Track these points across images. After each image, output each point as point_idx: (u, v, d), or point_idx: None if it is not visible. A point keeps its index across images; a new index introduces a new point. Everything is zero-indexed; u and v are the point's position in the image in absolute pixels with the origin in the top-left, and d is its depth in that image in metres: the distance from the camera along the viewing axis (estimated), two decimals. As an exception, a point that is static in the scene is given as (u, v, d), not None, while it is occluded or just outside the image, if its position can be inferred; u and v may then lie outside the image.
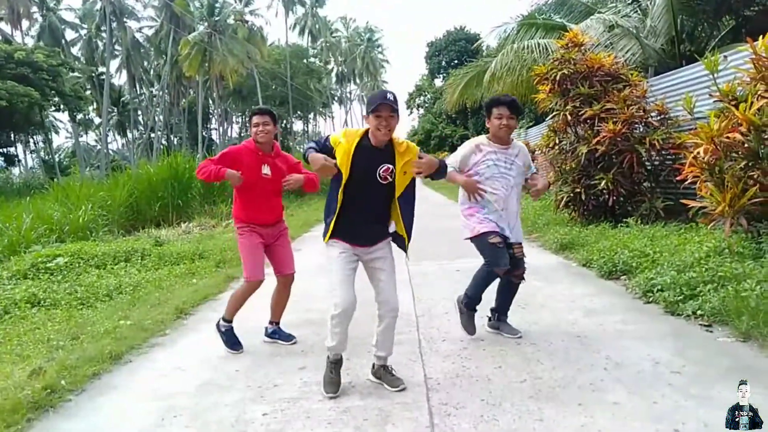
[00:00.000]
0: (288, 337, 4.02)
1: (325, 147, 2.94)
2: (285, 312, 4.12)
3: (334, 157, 2.89)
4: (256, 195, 3.84)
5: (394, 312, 3.05)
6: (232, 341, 3.90)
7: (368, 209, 2.98)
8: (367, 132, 2.95)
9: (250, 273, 3.84)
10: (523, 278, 3.81)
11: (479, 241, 3.65)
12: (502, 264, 3.59)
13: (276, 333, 4.05)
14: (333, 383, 3.08)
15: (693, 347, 3.42)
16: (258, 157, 3.82)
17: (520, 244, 3.78)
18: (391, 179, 2.93)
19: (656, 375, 3.04)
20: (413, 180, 3.03)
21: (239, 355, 3.85)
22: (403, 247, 3.16)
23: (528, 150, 3.92)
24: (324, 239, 3.05)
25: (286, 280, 4.01)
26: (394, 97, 2.90)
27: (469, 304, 3.83)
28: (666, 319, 4.06)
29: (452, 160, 3.72)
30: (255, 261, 3.85)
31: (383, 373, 3.14)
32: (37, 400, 3.06)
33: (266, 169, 3.82)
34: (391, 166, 2.91)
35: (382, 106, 2.82)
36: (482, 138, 3.80)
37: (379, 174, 2.90)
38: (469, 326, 3.85)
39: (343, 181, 2.90)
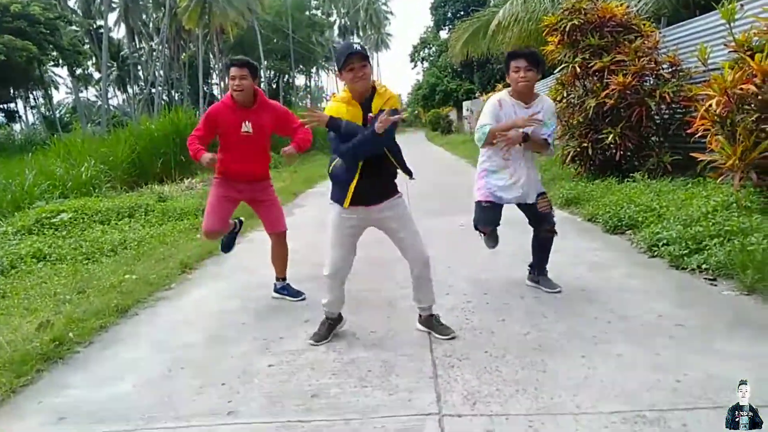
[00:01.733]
0: (296, 294, 4.00)
1: (335, 120, 2.83)
2: (289, 267, 4.12)
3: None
4: (239, 152, 3.72)
5: (423, 263, 3.02)
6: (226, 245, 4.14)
7: (371, 163, 2.89)
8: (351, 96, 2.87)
9: (204, 224, 3.87)
10: (555, 232, 3.74)
11: (476, 204, 3.77)
12: (481, 223, 3.78)
13: (285, 289, 4.04)
14: (318, 334, 3.17)
15: (697, 300, 3.42)
16: (237, 113, 3.65)
17: (544, 197, 3.68)
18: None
19: (659, 327, 3.05)
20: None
21: (245, 309, 3.88)
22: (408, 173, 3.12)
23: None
24: (344, 204, 2.93)
25: (277, 237, 3.98)
26: (361, 46, 2.83)
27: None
28: (671, 273, 4.05)
29: (486, 120, 3.52)
30: (213, 213, 3.82)
31: (432, 323, 3.15)
32: (45, 352, 3.10)
33: (246, 126, 3.65)
34: (371, 114, 2.82)
35: (352, 57, 2.73)
36: (503, 93, 3.61)
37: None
38: (490, 241, 3.98)
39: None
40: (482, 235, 3.93)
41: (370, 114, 2.80)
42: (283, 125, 3.84)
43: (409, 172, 3.12)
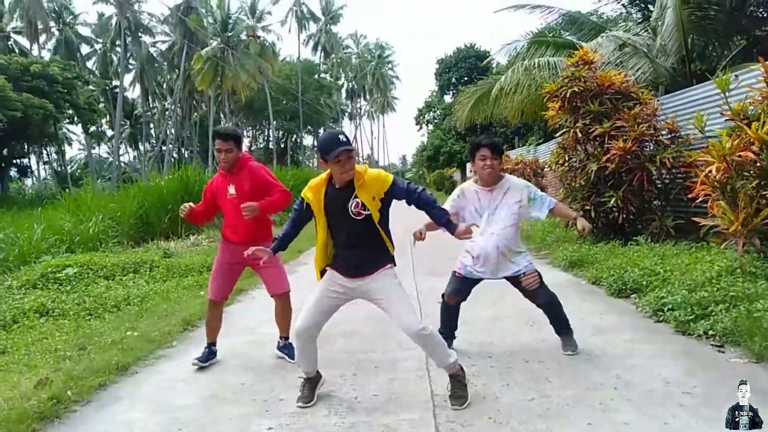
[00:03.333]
0: (292, 354, 3.91)
1: (302, 208, 3.05)
2: (291, 326, 4.09)
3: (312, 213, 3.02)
4: (232, 215, 3.87)
5: (417, 334, 2.94)
6: (202, 357, 3.91)
7: (358, 244, 2.95)
8: (330, 177, 2.96)
9: (209, 291, 3.98)
10: (553, 304, 3.75)
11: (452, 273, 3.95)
12: (447, 291, 3.91)
13: (286, 348, 3.98)
14: (302, 397, 3.14)
15: (704, 367, 3.37)
16: (225, 178, 3.91)
17: (531, 274, 3.70)
18: (365, 212, 2.89)
19: (667, 395, 3.00)
20: (387, 202, 2.95)
21: (245, 368, 3.83)
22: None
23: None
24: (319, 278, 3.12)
25: (280, 298, 3.96)
26: (346, 137, 2.92)
27: (443, 332, 3.83)
28: (677, 338, 4.00)
29: (447, 206, 3.81)
30: (215, 281, 3.97)
31: (450, 384, 3.07)
32: (42, 411, 3.05)
33: (231, 189, 3.87)
34: (360, 201, 2.88)
35: (342, 153, 2.81)
36: (468, 183, 3.90)
37: (352, 211, 2.88)
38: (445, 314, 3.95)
39: (325, 229, 3.00)
40: (442, 303, 3.95)
41: (358, 200, 2.87)
42: (262, 190, 3.91)
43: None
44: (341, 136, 2.89)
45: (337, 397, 3.21)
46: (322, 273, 3.12)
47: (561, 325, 3.83)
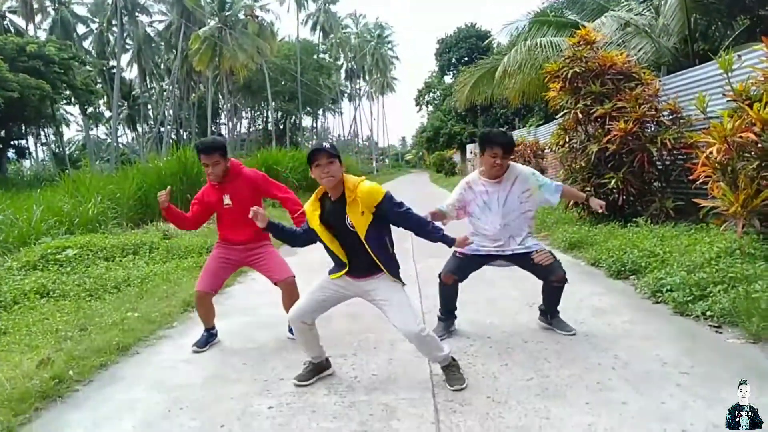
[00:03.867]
0: None
1: (308, 226, 3.04)
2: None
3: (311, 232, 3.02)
4: (229, 222, 3.90)
5: (417, 337, 2.94)
6: (200, 342, 3.91)
7: (358, 252, 2.94)
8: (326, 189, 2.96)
9: (198, 282, 3.94)
10: (565, 280, 3.75)
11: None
12: (444, 270, 3.85)
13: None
14: (299, 376, 3.18)
15: (702, 348, 3.39)
16: (216, 190, 3.89)
17: (542, 252, 3.70)
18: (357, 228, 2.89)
19: (664, 375, 3.02)
20: (379, 219, 2.90)
21: (246, 348, 3.86)
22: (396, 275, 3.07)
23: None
24: (330, 276, 3.10)
25: (286, 285, 3.91)
26: (331, 145, 2.89)
27: (442, 312, 3.92)
28: (675, 319, 4.02)
29: (449, 200, 3.76)
30: (208, 273, 3.93)
31: (444, 371, 3.07)
32: (44, 390, 3.08)
33: (227, 200, 3.86)
34: (347, 215, 2.89)
35: (318, 154, 2.81)
36: (474, 175, 3.81)
37: (348, 224, 2.89)
38: (440, 331, 3.85)
39: (328, 238, 2.97)
40: (440, 284, 3.88)
41: (349, 221, 2.87)
42: (264, 190, 3.94)
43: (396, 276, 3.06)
44: (325, 144, 2.87)
45: (337, 377, 3.23)
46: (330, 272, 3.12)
47: (555, 305, 3.86)
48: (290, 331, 4.01)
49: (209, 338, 3.96)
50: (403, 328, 2.93)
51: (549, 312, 3.91)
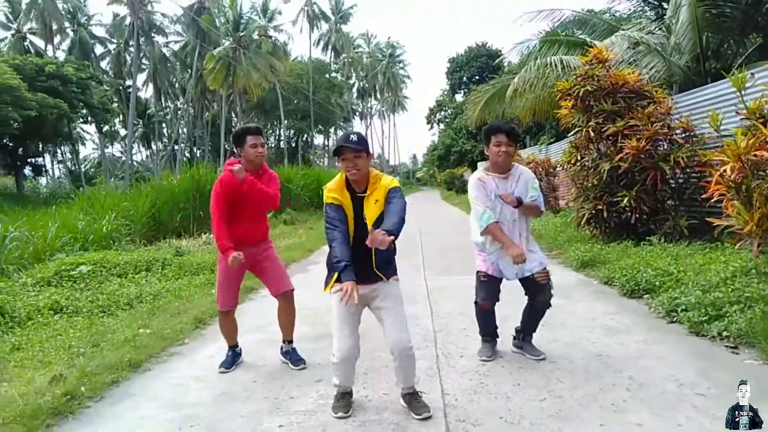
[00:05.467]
0: (297, 362, 3.82)
1: (342, 213, 2.91)
2: (302, 325, 4.11)
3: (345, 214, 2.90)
4: (248, 216, 3.77)
5: (404, 352, 2.91)
6: (226, 363, 3.84)
7: (366, 253, 2.88)
8: (346, 179, 2.94)
9: (221, 303, 3.84)
10: (549, 305, 3.69)
11: (477, 275, 3.77)
12: (480, 297, 3.73)
13: (288, 354, 3.91)
14: (341, 407, 3.01)
15: (718, 369, 3.33)
16: (244, 181, 3.68)
17: (543, 270, 3.64)
18: (367, 216, 2.89)
19: (680, 396, 2.97)
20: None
21: (256, 366, 3.85)
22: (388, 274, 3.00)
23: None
24: (325, 289, 2.99)
25: (284, 298, 3.88)
26: (358, 137, 2.88)
27: (484, 335, 3.88)
28: (690, 339, 3.96)
29: (482, 206, 3.57)
30: (228, 290, 3.83)
31: (408, 399, 3.00)
32: (56, 406, 3.09)
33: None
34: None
35: (344, 150, 2.82)
36: (480, 171, 3.75)
37: (363, 216, 2.89)
38: (483, 353, 3.80)
39: (351, 234, 2.89)
40: (480, 311, 3.80)
41: (368, 226, 2.80)
42: (274, 186, 3.89)
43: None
44: (353, 136, 2.88)
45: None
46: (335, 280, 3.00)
47: (532, 328, 3.83)
48: (283, 354, 3.92)
49: (235, 357, 3.90)
50: (395, 339, 2.90)
51: (524, 332, 3.84)
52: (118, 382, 3.58)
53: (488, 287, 3.69)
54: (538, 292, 3.63)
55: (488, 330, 3.86)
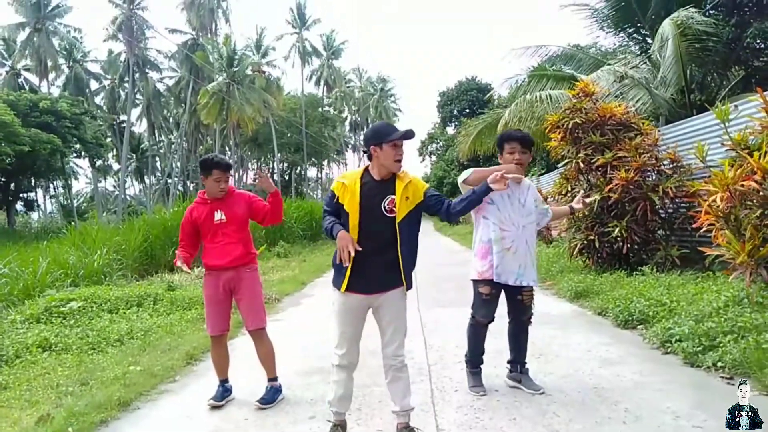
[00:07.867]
0: (261, 399, 3.71)
1: (334, 203, 2.92)
2: (294, 359, 4.06)
3: (341, 205, 2.88)
4: (216, 241, 3.81)
5: (398, 364, 2.89)
6: (216, 396, 3.78)
7: (379, 248, 2.83)
8: (366, 169, 2.95)
9: (209, 327, 3.85)
10: (530, 321, 3.72)
11: (474, 285, 3.68)
12: (480, 314, 3.66)
13: (270, 392, 3.79)
14: None
15: (714, 400, 3.31)
16: (208, 206, 3.82)
17: (531, 289, 3.65)
18: (395, 212, 2.84)
19: (677, 429, 2.94)
20: (418, 209, 2.91)
21: (248, 403, 3.78)
22: (407, 279, 2.96)
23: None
24: (341, 288, 2.89)
25: (254, 335, 3.84)
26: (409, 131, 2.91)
27: (471, 362, 3.80)
28: (685, 370, 3.95)
29: (466, 172, 3.55)
30: (214, 313, 3.83)
31: None
32: (43, 448, 3.02)
33: (218, 215, 3.80)
34: (394, 198, 2.84)
35: (406, 139, 2.85)
36: None
37: (385, 207, 2.83)
38: (477, 387, 3.73)
39: (355, 221, 2.82)
40: (475, 327, 3.74)
41: (393, 197, 2.83)
42: (255, 208, 3.90)
43: (408, 279, 2.96)
44: (410, 131, 2.89)
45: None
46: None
47: (523, 354, 3.78)
48: (259, 400, 3.74)
49: (224, 393, 3.84)
50: (392, 352, 2.89)
51: (517, 362, 3.80)
52: (107, 422, 3.50)
53: (489, 306, 3.63)
54: (523, 311, 3.66)
55: (477, 352, 3.78)
